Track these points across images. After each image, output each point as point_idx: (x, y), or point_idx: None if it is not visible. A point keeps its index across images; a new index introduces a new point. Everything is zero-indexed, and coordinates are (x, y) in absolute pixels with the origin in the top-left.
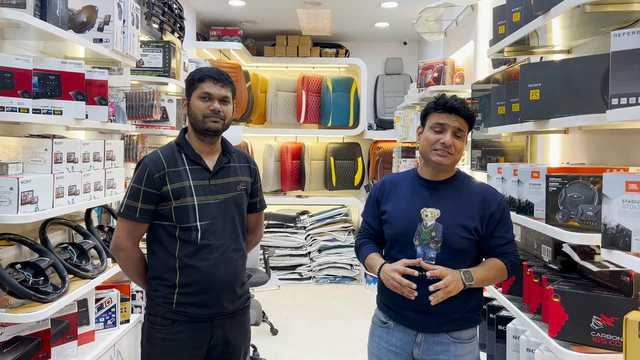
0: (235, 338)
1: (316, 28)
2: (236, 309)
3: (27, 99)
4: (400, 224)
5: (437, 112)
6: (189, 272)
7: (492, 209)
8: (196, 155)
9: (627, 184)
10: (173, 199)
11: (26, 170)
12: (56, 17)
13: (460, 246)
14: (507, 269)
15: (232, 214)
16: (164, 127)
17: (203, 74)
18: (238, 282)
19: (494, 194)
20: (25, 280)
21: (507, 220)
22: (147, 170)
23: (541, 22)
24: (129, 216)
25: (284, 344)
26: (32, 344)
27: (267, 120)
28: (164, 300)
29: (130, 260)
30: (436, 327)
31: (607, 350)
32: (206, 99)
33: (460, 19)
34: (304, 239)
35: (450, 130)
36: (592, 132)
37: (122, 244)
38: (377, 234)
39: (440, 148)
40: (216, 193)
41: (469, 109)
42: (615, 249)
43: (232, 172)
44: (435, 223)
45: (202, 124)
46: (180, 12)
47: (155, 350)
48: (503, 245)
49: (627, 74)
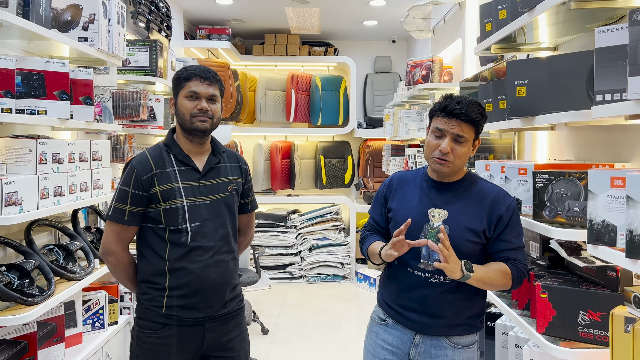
0: (231, 341)
1: (305, 26)
2: (229, 312)
3: (10, 99)
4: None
5: (439, 116)
6: (179, 275)
7: (501, 211)
8: (185, 155)
9: (612, 179)
10: (162, 200)
11: (10, 172)
12: (39, 16)
13: (466, 249)
14: (511, 275)
15: (223, 215)
16: (151, 127)
17: (190, 73)
18: (230, 285)
19: (505, 196)
20: (10, 283)
21: (516, 224)
22: (135, 172)
23: (527, 19)
24: (118, 219)
25: (275, 343)
26: (17, 347)
27: (257, 119)
28: (154, 304)
29: (120, 264)
30: (436, 330)
31: (594, 345)
32: (193, 98)
33: (448, 17)
34: (294, 238)
35: (449, 136)
36: (578, 129)
37: (111, 248)
38: (383, 231)
39: (438, 156)
40: (206, 194)
41: (473, 112)
42: (601, 244)
43: (222, 173)
44: (441, 224)
45: (190, 123)
46: (167, 10)
47: (145, 355)
48: (510, 251)
49: (611, 70)
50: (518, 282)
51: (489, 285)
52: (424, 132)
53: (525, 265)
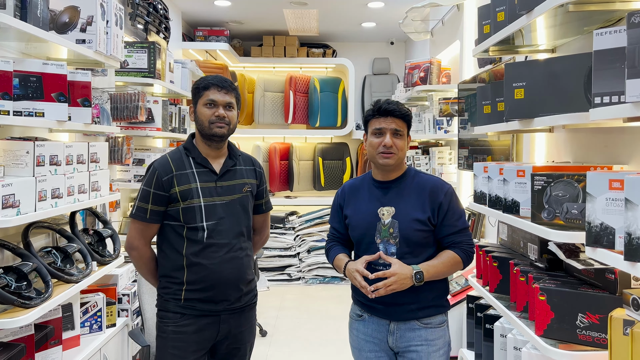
0: (241, 333)
1: (303, 28)
2: (243, 305)
3: (7, 100)
4: (362, 226)
5: (375, 118)
6: (196, 270)
7: (440, 198)
8: (203, 158)
9: (611, 182)
10: (181, 200)
11: (7, 174)
12: (37, 18)
13: (417, 238)
14: (461, 259)
15: (238, 215)
16: (149, 129)
17: (207, 82)
18: (243, 280)
19: (441, 184)
20: (7, 286)
21: (455, 208)
22: (157, 174)
23: (525, 21)
24: (140, 217)
25: (273, 345)
26: (15, 350)
27: (255, 120)
28: (173, 297)
29: (142, 258)
30: (406, 314)
31: (592, 347)
32: (211, 106)
33: (446, 19)
34: (292, 240)
35: (388, 132)
36: (577, 131)
37: (134, 243)
38: (344, 237)
39: (383, 150)
40: (222, 194)
41: (402, 108)
42: (600, 246)
43: (237, 175)
44: (391, 220)
45: (209, 129)
46: (166, 12)
47: (165, 343)
48: (454, 234)
49: (609, 73)
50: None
51: (443, 276)
52: (422, 134)
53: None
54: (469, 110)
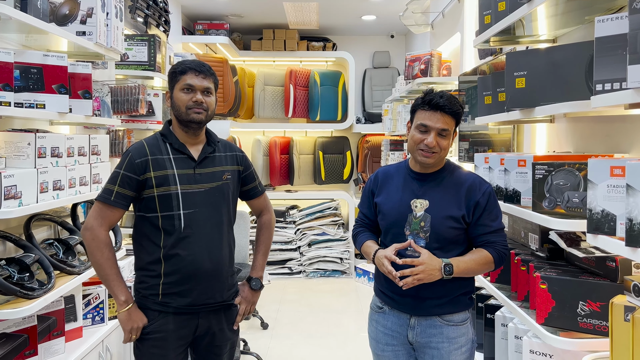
0: (222, 331)
1: (303, 21)
2: (223, 302)
3: (8, 92)
4: (392, 215)
5: (423, 110)
6: (173, 262)
7: (477, 197)
8: (180, 144)
9: (612, 169)
10: (155, 186)
11: (9, 165)
12: (37, 10)
13: (448, 235)
14: (493, 260)
15: (218, 203)
16: (150, 122)
17: (184, 67)
18: (223, 273)
19: (480, 183)
20: (10, 277)
21: (493, 208)
22: (129, 156)
23: (526, 10)
24: (104, 199)
25: (274, 338)
26: (18, 340)
27: (255, 114)
28: (151, 292)
29: (95, 241)
30: (428, 310)
31: (593, 335)
32: (189, 91)
33: (446, 11)
34: (293, 234)
35: (434, 131)
36: (578, 121)
37: (90, 223)
38: (372, 224)
39: (424, 149)
40: (202, 182)
41: (455, 104)
42: (601, 233)
43: (216, 162)
44: (424, 213)
45: (186, 115)
46: (166, 5)
47: (144, 342)
48: (489, 234)
49: (611, 60)
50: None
51: (473, 274)
52: None
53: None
54: (470, 102)
